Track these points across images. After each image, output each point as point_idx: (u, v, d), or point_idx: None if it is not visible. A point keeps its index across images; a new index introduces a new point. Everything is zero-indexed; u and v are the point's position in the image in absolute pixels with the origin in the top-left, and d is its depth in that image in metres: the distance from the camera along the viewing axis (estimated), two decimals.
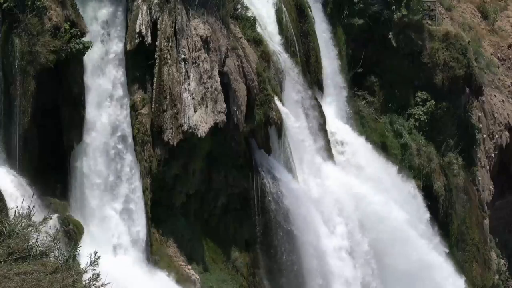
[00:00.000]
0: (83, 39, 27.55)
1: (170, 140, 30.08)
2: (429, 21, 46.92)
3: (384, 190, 39.68)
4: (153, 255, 30.04)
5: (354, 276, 36.24)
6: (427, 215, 42.23)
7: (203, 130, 30.44)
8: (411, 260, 39.01)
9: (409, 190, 42.30)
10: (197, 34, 31.12)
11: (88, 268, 12.52)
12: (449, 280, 41.24)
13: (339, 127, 40.70)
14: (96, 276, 12.37)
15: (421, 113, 44.87)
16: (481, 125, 48.82)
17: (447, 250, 42.73)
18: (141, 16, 29.91)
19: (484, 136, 49.50)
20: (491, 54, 53.95)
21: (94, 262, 12.41)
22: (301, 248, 34.35)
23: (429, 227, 42.13)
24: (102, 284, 12.76)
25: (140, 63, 30.44)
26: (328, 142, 38.84)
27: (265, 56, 35.17)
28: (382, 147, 42.52)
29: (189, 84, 30.60)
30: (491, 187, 50.12)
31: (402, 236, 39.07)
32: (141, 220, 29.76)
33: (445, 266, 41.34)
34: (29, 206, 13.29)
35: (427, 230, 41.80)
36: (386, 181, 40.87)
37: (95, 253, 12.72)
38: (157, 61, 30.20)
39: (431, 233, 41.99)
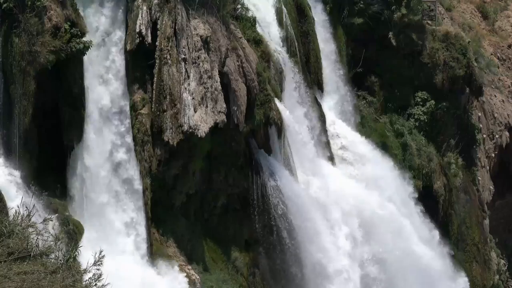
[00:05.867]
0: (83, 39, 27.52)
1: (170, 140, 30.07)
2: (429, 21, 46.90)
3: (383, 189, 39.69)
4: (153, 255, 30.02)
5: (354, 275, 36.22)
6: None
7: (203, 130, 30.42)
8: (409, 251, 39.12)
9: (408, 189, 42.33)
10: (197, 34, 31.11)
11: (91, 267, 12.48)
12: None
13: (339, 127, 40.68)
14: (98, 276, 12.33)
15: (421, 113, 44.85)
16: (481, 125, 48.81)
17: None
18: (141, 16, 29.90)
19: (484, 136, 49.49)
20: (491, 54, 53.95)
21: (98, 262, 12.36)
22: (301, 248, 34.33)
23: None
24: (103, 284, 12.73)
25: (140, 63, 30.43)
26: (328, 142, 38.84)
27: (265, 56, 35.16)
28: (383, 147, 42.50)
29: (189, 84, 30.59)
30: (491, 187, 50.10)
31: (399, 230, 39.12)
32: (141, 220, 29.75)
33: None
34: (27, 207, 13.25)
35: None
36: (386, 180, 40.85)
37: (100, 252, 12.65)
38: (157, 61, 30.19)
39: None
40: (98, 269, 12.46)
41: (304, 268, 34.58)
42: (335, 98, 41.74)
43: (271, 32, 37.12)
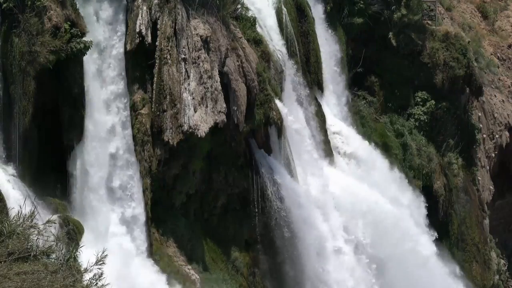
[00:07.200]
0: (83, 38, 27.51)
1: (170, 140, 30.07)
2: (429, 21, 46.90)
3: (383, 188, 39.66)
4: (153, 255, 30.02)
5: (354, 276, 36.20)
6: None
7: (203, 130, 30.42)
8: (411, 255, 39.05)
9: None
10: (197, 34, 31.11)
11: (92, 267, 12.47)
12: None
13: (339, 127, 40.67)
14: (99, 275, 12.33)
15: (421, 113, 44.86)
16: (481, 125, 48.81)
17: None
18: (141, 16, 29.90)
19: (484, 136, 49.48)
20: (491, 54, 53.93)
21: (100, 261, 12.36)
22: (301, 248, 34.32)
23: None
24: (102, 284, 12.73)
25: (140, 63, 30.43)
26: (328, 142, 38.82)
27: (265, 56, 35.15)
28: (383, 147, 42.49)
29: (189, 84, 30.59)
30: (491, 187, 50.08)
31: (401, 231, 39.07)
32: (141, 220, 29.74)
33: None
34: (34, 206, 13.26)
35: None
36: (385, 180, 40.84)
37: (103, 252, 12.65)
38: (157, 61, 30.19)
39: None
40: (99, 269, 12.47)
41: (304, 267, 34.57)
42: (335, 98, 41.71)
43: (271, 32, 37.11)
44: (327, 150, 38.70)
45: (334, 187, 37.18)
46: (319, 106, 38.71)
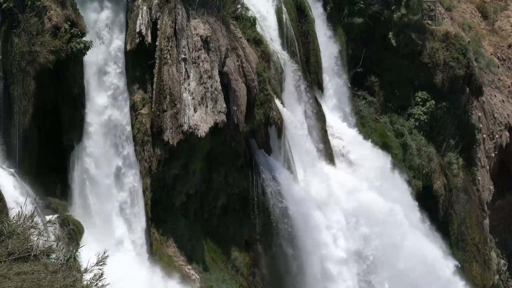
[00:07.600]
0: (83, 38, 27.51)
1: (170, 140, 30.07)
2: (429, 21, 46.93)
3: (382, 188, 39.64)
4: (153, 255, 30.02)
5: (353, 276, 36.20)
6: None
7: (203, 130, 30.43)
8: (411, 253, 38.97)
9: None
10: (197, 34, 31.11)
11: (93, 267, 12.48)
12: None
13: (339, 127, 40.68)
14: (99, 275, 12.34)
15: (421, 113, 44.88)
16: (481, 125, 48.84)
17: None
18: (141, 16, 29.90)
19: (484, 136, 49.51)
20: (491, 54, 53.97)
21: (101, 262, 12.37)
22: (301, 248, 34.33)
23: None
24: (103, 284, 12.74)
25: (140, 63, 30.42)
26: (328, 142, 38.82)
27: (265, 56, 35.16)
28: (383, 147, 42.50)
29: (189, 84, 30.59)
30: (491, 187, 50.11)
31: (400, 231, 38.99)
32: (141, 220, 29.74)
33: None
34: (36, 206, 13.27)
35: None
36: (385, 179, 40.81)
37: (104, 252, 12.66)
38: (157, 61, 30.19)
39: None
40: (100, 269, 12.47)
41: (304, 267, 34.57)
42: (335, 98, 41.73)
43: (271, 32, 37.12)
44: (327, 150, 38.70)
45: (333, 187, 37.10)
46: (319, 106, 38.71)
